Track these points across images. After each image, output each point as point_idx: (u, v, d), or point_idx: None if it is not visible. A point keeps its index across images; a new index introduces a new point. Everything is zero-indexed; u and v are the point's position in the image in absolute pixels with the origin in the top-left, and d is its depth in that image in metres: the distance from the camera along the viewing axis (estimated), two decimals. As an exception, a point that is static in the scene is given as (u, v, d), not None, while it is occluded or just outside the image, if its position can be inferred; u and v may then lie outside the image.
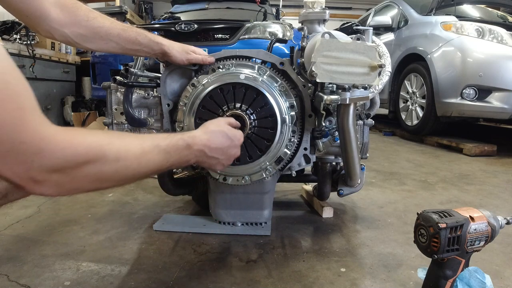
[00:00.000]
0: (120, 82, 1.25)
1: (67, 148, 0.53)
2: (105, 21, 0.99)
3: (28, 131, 0.48)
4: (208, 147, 0.85)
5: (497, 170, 2.52)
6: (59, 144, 0.52)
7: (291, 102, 1.16)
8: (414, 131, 3.70)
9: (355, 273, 1.09)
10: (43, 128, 0.50)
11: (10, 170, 0.49)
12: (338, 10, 10.22)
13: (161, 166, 0.73)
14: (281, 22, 3.52)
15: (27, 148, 0.48)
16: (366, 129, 1.35)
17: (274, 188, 1.38)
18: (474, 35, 3.12)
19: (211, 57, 1.19)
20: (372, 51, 0.93)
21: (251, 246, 1.25)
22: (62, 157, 0.52)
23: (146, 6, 8.42)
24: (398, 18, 4.27)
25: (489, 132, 4.59)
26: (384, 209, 1.65)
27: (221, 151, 0.89)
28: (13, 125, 0.47)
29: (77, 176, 0.55)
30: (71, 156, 0.53)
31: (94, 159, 0.56)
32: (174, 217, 1.48)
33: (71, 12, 0.92)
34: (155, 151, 0.70)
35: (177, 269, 1.09)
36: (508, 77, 2.90)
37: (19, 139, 0.47)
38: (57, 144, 0.51)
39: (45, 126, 0.51)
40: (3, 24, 3.68)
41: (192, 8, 4.37)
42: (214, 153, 0.87)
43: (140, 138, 0.70)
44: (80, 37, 0.96)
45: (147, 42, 1.07)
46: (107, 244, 1.25)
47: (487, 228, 0.84)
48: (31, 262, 1.11)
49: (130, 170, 0.64)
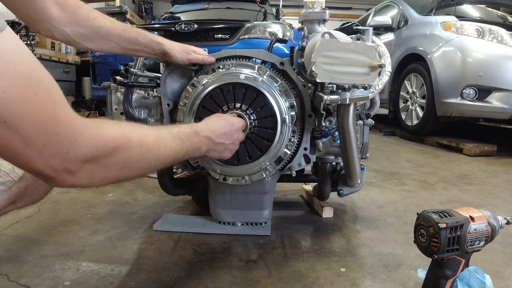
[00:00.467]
0: (120, 82, 1.25)
1: (97, 136, 0.54)
2: (106, 21, 0.99)
3: (62, 123, 0.50)
4: (213, 133, 0.90)
5: (497, 170, 2.52)
6: (90, 133, 0.53)
7: (291, 102, 1.16)
8: (414, 131, 3.70)
9: (355, 273, 1.09)
10: (74, 119, 0.52)
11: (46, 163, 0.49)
12: (338, 10, 10.23)
13: (177, 153, 0.75)
14: (281, 22, 3.52)
15: (62, 139, 0.49)
16: (366, 129, 1.35)
17: (274, 188, 1.38)
18: (474, 35, 3.12)
19: (211, 57, 1.19)
20: (372, 51, 0.93)
21: (251, 246, 1.25)
22: (94, 146, 0.53)
23: (146, 6, 8.43)
24: (398, 18, 4.27)
25: (489, 132, 4.59)
26: (384, 209, 1.65)
27: (226, 135, 0.94)
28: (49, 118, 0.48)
29: (107, 164, 0.57)
30: (102, 144, 0.55)
31: (122, 145, 0.58)
32: (174, 217, 1.48)
33: (72, 11, 0.92)
34: (170, 137, 0.74)
35: (177, 269, 1.09)
36: (508, 77, 2.90)
37: (55, 130, 0.49)
38: (89, 133, 0.53)
39: (75, 117, 0.52)
40: (3, 24, 3.68)
41: (192, 8, 4.38)
42: (220, 139, 0.92)
43: (154, 127, 0.74)
44: (80, 36, 0.96)
45: (147, 42, 1.07)
46: (107, 244, 1.25)
47: (487, 228, 0.84)
48: (31, 262, 1.11)
49: (152, 155, 0.66)
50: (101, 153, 0.55)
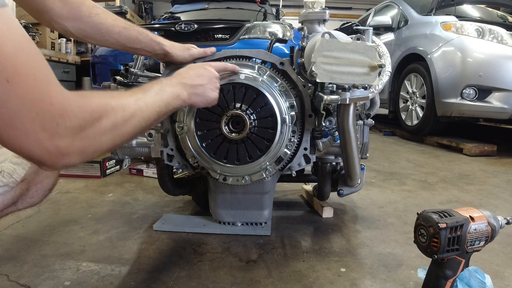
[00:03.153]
0: (120, 82, 1.25)
1: (83, 107, 0.54)
2: (108, 18, 0.99)
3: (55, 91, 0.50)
4: (182, 77, 0.89)
5: (497, 170, 2.52)
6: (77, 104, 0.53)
7: (291, 102, 1.16)
8: (414, 131, 3.70)
9: (355, 273, 1.09)
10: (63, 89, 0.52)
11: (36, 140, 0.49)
12: (338, 10, 10.23)
13: (159, 107, 0.75)
14: (281, 22, 3.52)
15: (54, 110, 0.49)
16: (366, 129, 1.35)
17: (274, 188, 1.38)
18: (474, 35, 3.13)
19: (211, 48, 1.20)
20: (372, 51, 0.93)
21: (251, 246, 1.25)
22: (81, 116, 0.53)
23: (146, 6, 8.42)
24: (398, 18, 4.27)
25: (489, 132, 4.59)
26: (384, 209, 1.65)
27: (199, 77, 0.93)
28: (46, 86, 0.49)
29: (96, 134, 0.57)
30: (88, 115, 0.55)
31: (106, 112, 0.59)
32: (174, 217, 1.48)
33: (74, 7, 0.92)
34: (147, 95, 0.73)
35: (177, 269, 1.09)
36: (508, 77, 2.90)
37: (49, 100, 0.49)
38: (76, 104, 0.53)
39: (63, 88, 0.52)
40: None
41: (192, 8, 4.37)
42: (195, 81, 0.91)
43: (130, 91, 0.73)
44: (80, 31, 0.96)
45: (148, 42, 1.07)
46: (107, 244, 1.25)
47: (487, 228, 0.84)
48: (31, 262, 1.11)
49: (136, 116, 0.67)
50: (88, 123, 0.55)
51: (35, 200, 0.85)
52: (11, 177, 0.77)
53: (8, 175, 0.77)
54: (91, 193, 1.79)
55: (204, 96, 0.94)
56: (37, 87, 0.47)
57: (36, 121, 0.47)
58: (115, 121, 0.61)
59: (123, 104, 0.64)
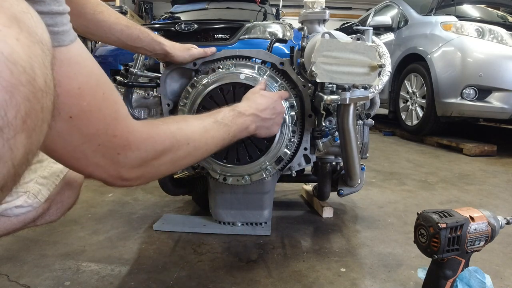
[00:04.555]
0: (120, 82, 1.25)
1: (147, 140, 0.54)
2: (111, 16, 1.00)
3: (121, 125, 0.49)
4: (257, 109, 0.90)
5: (497, 170, 2.52)
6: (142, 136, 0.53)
7: (291, 102, 1.16)
8: (414, 131, 3.70)
9: (355, 273, 1.09)
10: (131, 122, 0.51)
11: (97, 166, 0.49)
12: (338, 10, 10.24)
13: (224, 140, 0.76)
14: (281, 22, 3.52)
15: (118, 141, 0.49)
16: (366, 129, 1.35)
17: (274, 188, 1.38)
18: (474, 35, 3.13)
19: (211, 48, 1.20)
20: (372, 51, 0.93)
21: (251, 246, 1.25)
22: (144, 150, 0.53)
23: (146, 6, 8.43)
24: (398, 18, 4.27)
25: (489, 132, 4.59)
26: (384, 209, 1.65)
27: (269, 110, 0.94)
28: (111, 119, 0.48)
29: (156, 165, 0.57)
30: (152, 148, 0.55)
31: (170, 147, 0.59)
32: (174, 217, 1.48)
33: (79, 5, 0.92)
34: (215, 127, 0.74)
35: (177, 269, 1.09)
36: (508, 77, 2.90)
37: (113, 132, 0.48)
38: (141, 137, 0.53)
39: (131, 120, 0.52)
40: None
41: (192, 8, 4.38)
42: (265, 114, 0.92)
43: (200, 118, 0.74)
44: (83, 27, 0.96)
45: (149, 41, 1.08)
46: (107, 244, 1.25)
47: (487, 228, 0.84)
48: (31, 262, 1.11)
49: (199, 149, 0.67)
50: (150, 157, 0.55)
51: (53, 218, 0.84)
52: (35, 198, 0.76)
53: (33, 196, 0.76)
54: (91, 193, 1.79)
55: (269, 129, 0.96)
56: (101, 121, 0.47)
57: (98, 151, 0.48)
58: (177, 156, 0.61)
59: (189, 137, 0.64)
